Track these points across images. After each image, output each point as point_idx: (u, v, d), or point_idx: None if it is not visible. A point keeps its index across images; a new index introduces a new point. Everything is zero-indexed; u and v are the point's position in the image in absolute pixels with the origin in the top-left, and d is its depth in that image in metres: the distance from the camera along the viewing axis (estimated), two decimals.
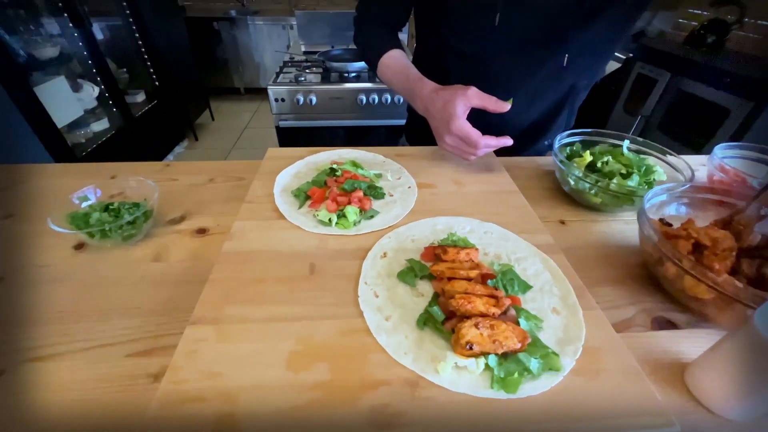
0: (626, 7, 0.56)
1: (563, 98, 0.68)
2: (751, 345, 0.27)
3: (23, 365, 0.33)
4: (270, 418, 0.28)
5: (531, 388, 0.30)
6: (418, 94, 0.59)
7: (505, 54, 0.60)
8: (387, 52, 0.65)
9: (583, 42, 0.58)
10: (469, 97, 0.52)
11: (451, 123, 0.53)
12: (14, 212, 0.51)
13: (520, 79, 0.63)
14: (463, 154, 0.56)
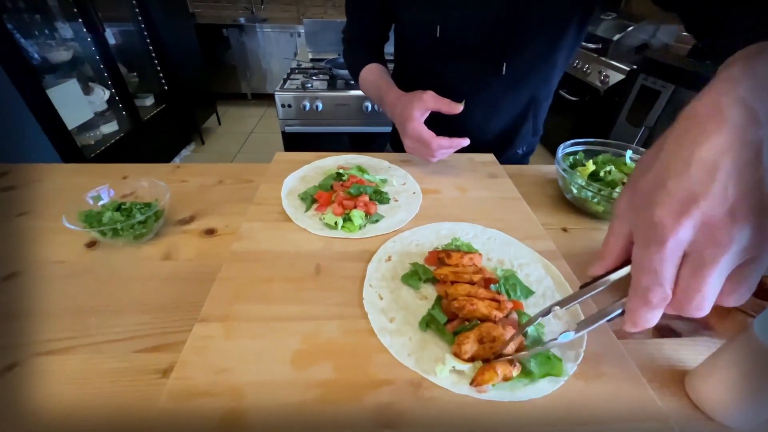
0: (562, 24, 0.58)
1: (524, 110, 0.70)
2: (751, 352, 0.27)
3: (35, 358, 0.34)
4: (276, 413, 0.28)
5: (533, 392, 0.30)
6: (385, 100, 0.64)
7: (452, 66, 0.64)
8: (365, 66, 0.71)
9: (520, 53, 0.61)
10: (424, 101, 0.56)
11: (407, 125, 0.57)
12: (28, 210, 0.53)
13: (474, 89, 0.66)
14: (423, 156, 0.59)
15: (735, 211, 0.18)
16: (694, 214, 0.19)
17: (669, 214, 0.19)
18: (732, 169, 0.18)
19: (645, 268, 0.21)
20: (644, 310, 0.21)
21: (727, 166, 0.18)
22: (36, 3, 1.88)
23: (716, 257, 0.19)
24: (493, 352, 0.31)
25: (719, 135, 0.19)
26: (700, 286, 0.19)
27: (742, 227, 0.18)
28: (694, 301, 0.20)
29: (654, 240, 0.20)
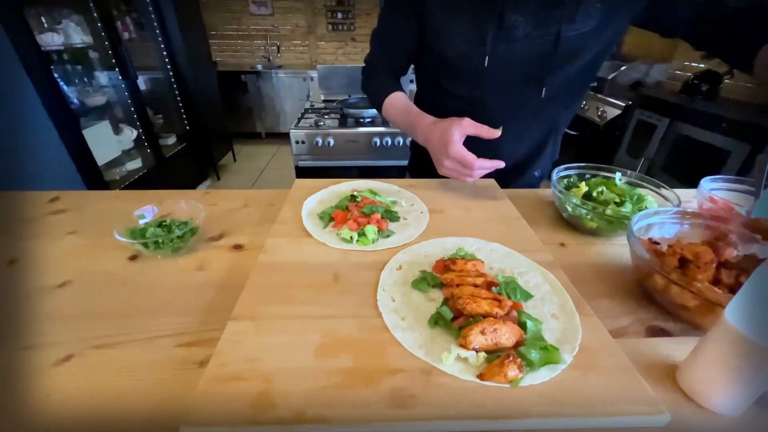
0: (593, 55, 0.66)
1: (547, 133, 0.77)
2: (726, 338, 0.31)
3: (89, 351, 0.38)
4: (301, 395, 0.32)
5: (531, 379, 0.33)
6: (418, 126, 0.68)
7: (494, 93, 0.70)
8: (390, 94, 0.75)
9: (558, 81, 0.67)
10: (464, 126, 0.60)
11: (449, 148, 0.60)
12: (77, 230, 0.59)
13: (510, 116, 0.71)
14: (461, 176, 0.63)
15: None
16: None
17: None
18: None
19: None
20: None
21: None
22: (80, 55, 2.10)
23: None
24: (495, 343, 0.35)
25: None
26: None
27: None
28: None
29: None
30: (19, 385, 0.35)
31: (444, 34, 0.67)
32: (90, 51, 2.13)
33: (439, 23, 0.66)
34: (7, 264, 0.51)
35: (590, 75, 0.71)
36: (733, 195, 0.65)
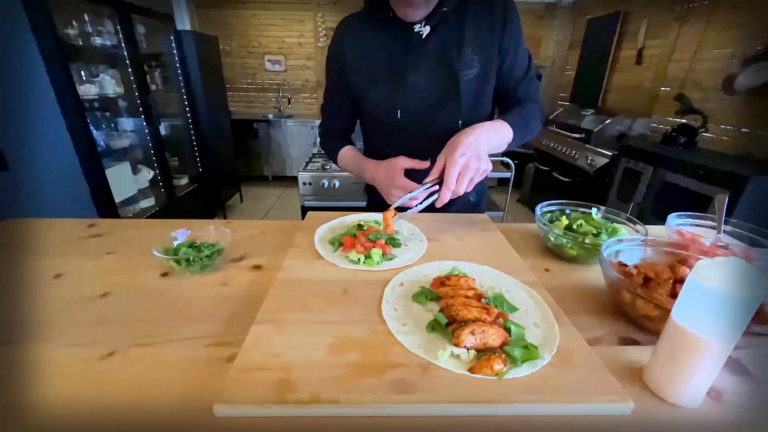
0: (486, 93, 0.80)
1: None
2: (674, 334, 0.37)
3: (129, 349, 0.44)
4: (316, 382, 0.37)
5: (515, 373, 0.39)
6: (366, 169, 0.84)
7: (412, 136, 0.81)
8: (342, 149, 0.91)
9: (464, 116, 0.79)
10: (401, 162, 0.76)
11: (395, 180, 0.75)
12: (113, 250, 0.66)
13: (431, 150, 0.80)
14: (407, 201, 0.74)
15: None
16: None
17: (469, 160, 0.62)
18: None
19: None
20: (447, 194, 0.62)
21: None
22: (110, 104, 2.30)
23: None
24: (484, 343, 0.41)
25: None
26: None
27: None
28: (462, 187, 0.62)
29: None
30: (69, 373, 0.40)
31: (367, 99, 0.82)
32: (119, 100, 2.35)
33: (361, 92, 0.82)
34: (53, 277, 0.58)
35: (487, 107, 0.83)
36: (696, 230, 0.73)
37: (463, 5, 0.73)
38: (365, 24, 0.78)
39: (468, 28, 0.74)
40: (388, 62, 0.77)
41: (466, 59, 0.74)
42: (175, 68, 2.66)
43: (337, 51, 0.81)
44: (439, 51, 0.74)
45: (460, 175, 0.63)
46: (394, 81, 0.77)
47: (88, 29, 2.06)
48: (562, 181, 2.97)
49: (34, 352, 0.43)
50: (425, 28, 0.73)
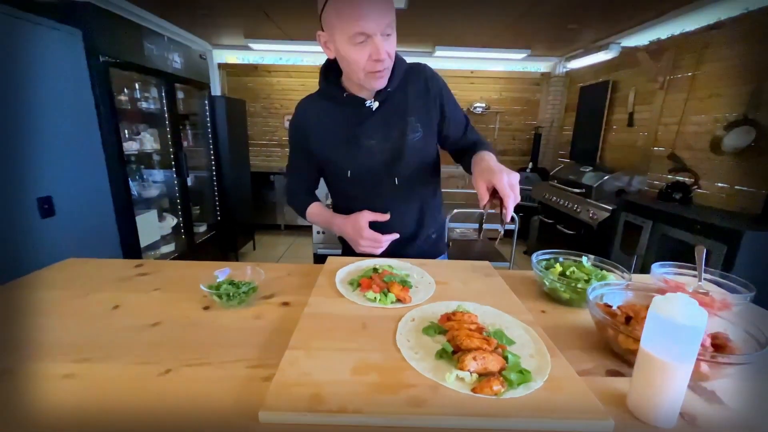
0: (429, 153, 0.95)
1: (422, 207, 1.01)
2: (644, 360, 0.44)
3: (182, 368, 0.51)
4: (343, 396, 0.44)
5: (511, 393, 0.45)
6: (334, 223, 0.98)
7: (374, 191, 0.95)
8: (309, 205, 1.04)
9: (409, 172, 0.93)
10: (365, 216, 0.90)
11: (363, 233, 0.89)
12: (160, 287, 0.76)
13: (390, 202, 0.95)
14: (374, 249, 0.91)
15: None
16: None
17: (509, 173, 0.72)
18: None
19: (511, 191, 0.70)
20: (512, 203, 0.70)
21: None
22: (147, 158, 2.54)
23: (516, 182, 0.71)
24: (484, 368, 0.48)
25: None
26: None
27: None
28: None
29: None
30: (136, 386, 0.48)
31: (327, 162, 0.95)
32: (154, 154, 2.59)
33: (322, 156, 0.95)
34: (112, 308, 0.67)
35: (434, 165, 1.00)
36: (678, 277, 0.80)
37: (402, 85, 0.89)
38: (323, 102, 0.92)
39: (410, 101, 0.89)
40: (345, 131, 0.90)
41: (411, 125, 0.90)
42: (206, 127, 2.95)
43: (299, 123, 0.95)
44: (388, 120, 0.89)
45: (512, 186, 0.71)
46: (350, 146, 0.91)
47: (137, 95, 2.36)
48: (567, 233, 3.05)
49: (109, 369, 0.51)
50: (375, 103, 0.88)
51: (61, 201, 1.67)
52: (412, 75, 0.91)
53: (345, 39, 0.74)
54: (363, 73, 0.79)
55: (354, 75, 0.81)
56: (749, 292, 0.69)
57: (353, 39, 0.74)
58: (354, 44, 0.74)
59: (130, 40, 2.06)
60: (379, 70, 0.78)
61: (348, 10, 0.71)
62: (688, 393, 0.49)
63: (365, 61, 0.76)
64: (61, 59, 1.66)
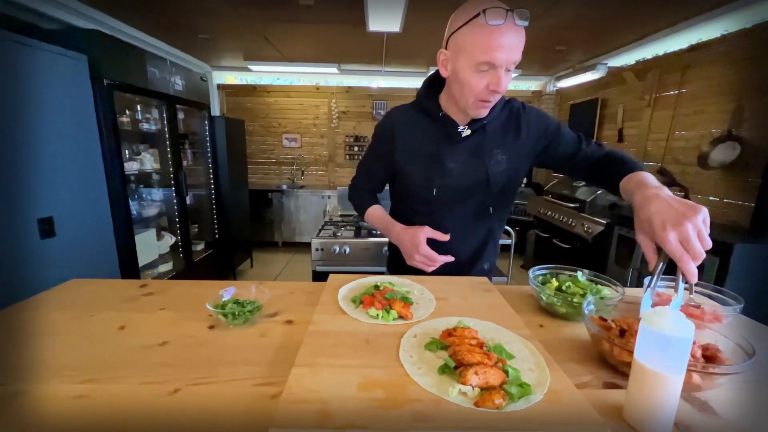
0: (508, 185, 0.97)
1: (486, 237, 1.02)
2: (638, 372, 0.46)
3: (190, 387, 0.52)
4: (350, 412, 0.45)
5: (512, 407, 0.47)
6: (392, 231, 0.98)
7: (442, 210, 0.97)
8: (370, 206, 1.06)
9: (488, 202, 0.95)
10: (426, 233, 0.90)
11: (420, 248, 0.89)
12: (166, 306, 0.77)
13: (455, 224, 0.97)
14: (426, 267, 0.91)
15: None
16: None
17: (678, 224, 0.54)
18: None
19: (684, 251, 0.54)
20: (691, 266, 0.53)
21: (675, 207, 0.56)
22: (147, 178, 2.56)
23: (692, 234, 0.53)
24: (486, 382, 0.49)
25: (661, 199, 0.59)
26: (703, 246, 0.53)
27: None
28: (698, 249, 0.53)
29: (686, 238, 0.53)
30: (146, 405, 0.49)
31: (406, 174, 0.98)
32: (154, 174, 2.62)
33: (403, 166, 0.97)
34: (118, 329, 0.68)
35: (509, 197, 1.02)
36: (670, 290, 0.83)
37: (497, 120, 0.92)
38: (417, 115, 0.96)
39: (498, 134, 0.92)
40: (431, 148, 0.93)
41: (495, 158, 0.92)
42: (205, 146, 2.99)
43: (387, 128, 0.97)
44: (475, 148, 0.92)
45: (685, 242, 0.53)
46: (433, 164, 0.93)
47: (138, 117, 2.40)
48: (563, 247, 3.08)
49: (118, 390, 0.52)
50: (467, 130, 0.91)
51: (61, 221, 1.68)
52: (506, 109, 0.94)
53: (470, 64, 0.77)
54: (473, 100, 0.82)
55: (463, 99, 0.84)
56: (738, 304, 0.71)
57: (479, 66, 0.76)
58: (477, 71, 0.77)
59: (133, 64, 2.12)
60: (489, 101, 0.82)
61: (484, 40, 0.73)
62: (682, 403, 0.51)
63: (480, 89, 0.79)
64: (66, 83, 1.71)
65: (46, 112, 1.61)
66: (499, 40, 0.72)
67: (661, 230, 0.55)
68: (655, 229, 0.56)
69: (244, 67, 4.12)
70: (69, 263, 1.70)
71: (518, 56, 0.77)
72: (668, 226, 0.54)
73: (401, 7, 2.22)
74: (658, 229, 0.55)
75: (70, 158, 1.74)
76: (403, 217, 1.02)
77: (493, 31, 0.72)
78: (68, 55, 1.71)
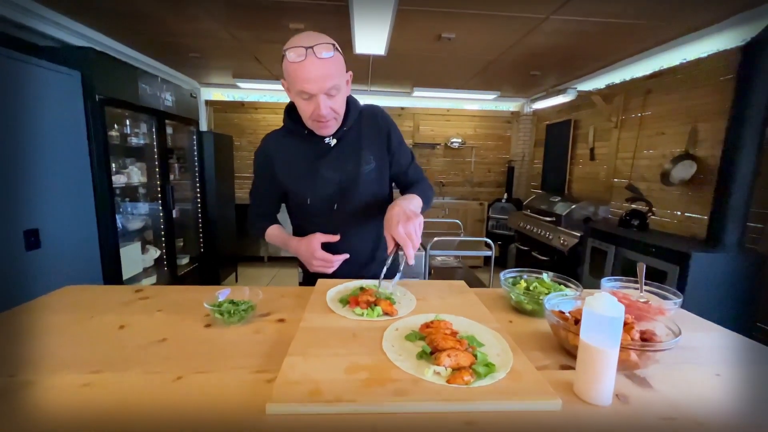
0: (380, 184, 1.08)
1: (376, 238, 1.13)
2: (583, 349, 0.54)
3: (191, 375, 0.57)
4: (338, 389, 0.52)
5: (479, 383, 0.54)
6: (289, 244, 1.07)
7: (332, 215, 1.06)
8: (270, 227, 1.14)
9: (362, 201, 1.05)
10: (317, 238, 0.99)
11: (315, 253, 0.97)
12: (162, 309, 0.82)
13: (342, 228, 1.05)
14: (325, 269, 0.99)
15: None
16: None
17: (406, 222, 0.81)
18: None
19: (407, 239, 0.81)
20: (411, 251, 0.81)
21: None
22: (133, 191, 2.57)
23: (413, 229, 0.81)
24: (457, 363, 0.56)
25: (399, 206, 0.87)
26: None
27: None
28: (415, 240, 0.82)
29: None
30: (152, 391, 0.54)
31: (290, 190, 1.06)
32: (140, 187, 2.63)
33: (286, 185, 1.05)
34: (118, 328, 0.72)
35: (387, 190, 1.12)
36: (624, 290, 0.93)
37: (357, 125, 1.03)
38: (287, 138, 1.05)
39: (363, 137, 1.04)
40: (306, 163, 1.02)
41: (364, 158, 1.03)
42: (192, 161, 3.03)
43: (265, 152, 1.06)
44: (344, 154, 1.02)
45: (409, 235, 0.81)
46: (310, 176, 1.02)
47: (127, 131, 2.44)
48: (541, 260, 3.22)
49: (123, 378, 0.56)
50: (333, 140, 1.02)
51: (47, 233, 1.68)
52: (366, 115, 1.06)
53: (295, 92, 0.89)
54: (310, 121, 0.94)
55: (305, 121, 0.95)
56: (678, 299, 0.81)
57: (300, 94, 0.88)
58: (302, 98, 0.89)
59: (125, 80, 2.17)
60: (322, 121, 0.92)
61: (293, 74, 0.85)
62: (623, 379, 0.59)
63: (310, 112, 0.90)
64: (59, 98, 1.75)
65: (38, 126, 1.64)
66: (304, 74, 0.84)
67: (395, 225, 0.83)
68: (392, 224, 0.84)
69: (232, 84, 4.21)
70: (53, 275, 1.69)
71: (332, 82, 0.87)
72: (400, 222, 0.82)
73: (386, 32, 2.37)
74: (393, 225, 0.83)
75: (59, 171, 1.76)
76: (302, 230, 1.10)
77: (298, 67, 0.84)
78: (62, 71, 1.75)
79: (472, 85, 4.07)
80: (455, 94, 4.32)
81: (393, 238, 0.84)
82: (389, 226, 0.85)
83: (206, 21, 2.36)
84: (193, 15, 2.27)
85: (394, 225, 0.83)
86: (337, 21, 2.33)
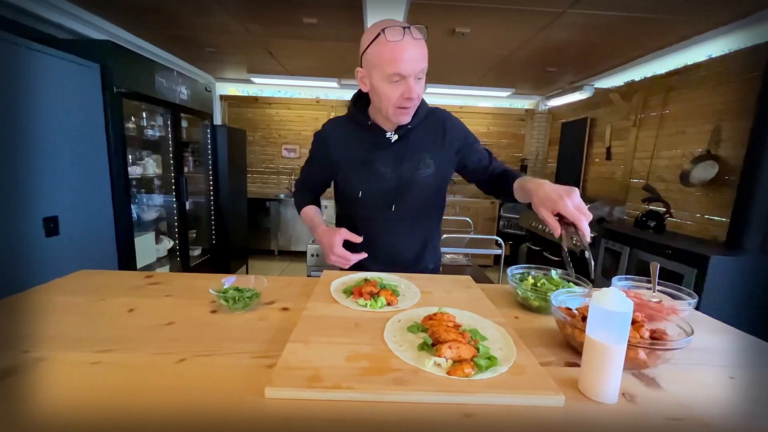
0: (437, 189, 1.05)
1: (425, 239, 1.11)
2: (589, 346, 0.52)
3: (195, 357, 0.58)
4: (338, 376, 0.52)
5: (480, 376, 0.53)
6: (316, 230, 1.08)
7: (377, 212, 1.05)
8: (306, 207, 1.16)
9: (412, 205, 1.04)
10: (341, 235, 0.98)
11: (334, 249, 0.97)
12: (171, 294, 0.83)
13: (389, 228, 1.06)
14: (341, 264, 0.98)
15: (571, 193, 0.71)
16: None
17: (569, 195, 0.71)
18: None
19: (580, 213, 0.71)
20: (586, 223, 0.72)
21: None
22: (149, 182, 2.63)
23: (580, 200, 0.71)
24: (458, 355, 0.56)
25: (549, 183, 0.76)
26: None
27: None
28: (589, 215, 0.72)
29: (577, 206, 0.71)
30: (157, 372, 0.55)
31: (342, 178, 1.06)
32: (155, 179, 2.69)
33: (338, 172, 1.06)
34: (128, 311, 0.74)
35: (440, 200, 1.11)
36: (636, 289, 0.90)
37: (421, 125, 1.01)
38: (349, 125, 1.04)
39: (426, 139, 1.01)
40: (362, 153, 1.01)
41: (423, 161, 1.01)
42: (206, 154, 3.08)
43: (324, 136, 1.06)
44: (403, 153, 1.01)
45: (579, 208, 0.71)
46: (364, 168, 1.02)
47: (143, 123, 2.49)
48: (553, 260, 3.16)
49: (130, 358, 0.58)
50: (394, 136, 1.00)
51: (65, 221, 1.74)
52: (431, 117, 1.04)
53: (383, 77, 0.86)
54: (392, 108, 0.91)
55: (384, 109, 0.92)
56: (692, 299, 0.79)
57: (390, 78, 0.85)
58: (390, 82, 0.87)
59: (142, 73, 2.22)
60: (406, 107, 0.91)
61: (389, 54, 0.83)
62: (631, 378, 0.58)
63: (396, 98, 0.88)
64: (78, 90, 1.80)
65: (58, 117, 1.69)
66: (402, 54, 0.83)
67: (560, 199, 0.71)
68: (556, 200, 0.72)
69: (246, 79, 4.26)
70: (71, 261, 1.75)
71: (423, 65, 0.86)
72: (564, 196, 0.71)
73: None
74: (558, 199, 0.71)
75: (78, 161, 1.82)
76: (345, 219, 1.12)
77: (395, 46, 0.82)
78: (81, 63, 1.80)
79: (485, 82, 4.02)
80: (468, 90, 4.27)
81: (554, 219, 0.74)
82: (552, 205, 0.73)
83: (220, 14, 2.39)
84: (207, 8, 2.30)
85: (559, 202, 0.71)
86: (351, 15, 2.32)
